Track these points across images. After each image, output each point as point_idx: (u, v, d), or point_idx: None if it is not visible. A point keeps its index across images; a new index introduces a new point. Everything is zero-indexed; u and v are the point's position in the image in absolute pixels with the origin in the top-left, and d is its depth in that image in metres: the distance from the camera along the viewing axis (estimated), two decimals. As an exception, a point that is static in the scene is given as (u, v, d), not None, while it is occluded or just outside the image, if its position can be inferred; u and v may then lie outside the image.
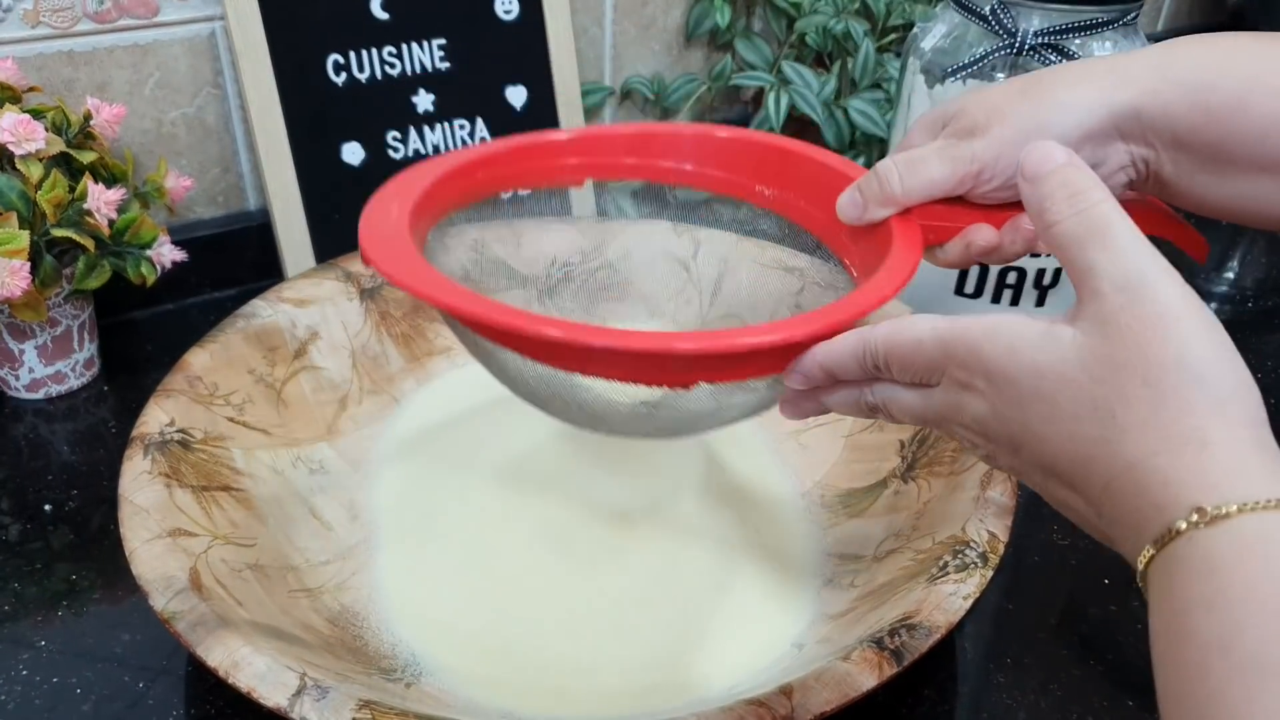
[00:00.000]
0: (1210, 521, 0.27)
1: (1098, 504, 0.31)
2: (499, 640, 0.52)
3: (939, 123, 0.44)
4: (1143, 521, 0.29)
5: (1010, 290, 0.69)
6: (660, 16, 0.92)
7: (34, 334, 0.66)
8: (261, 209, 0.80)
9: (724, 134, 0.54)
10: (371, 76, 0.76)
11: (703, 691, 0.50)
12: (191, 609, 0.44)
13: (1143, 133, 0.41)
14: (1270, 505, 0.27)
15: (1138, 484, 0.29)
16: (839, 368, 0.38)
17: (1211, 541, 0.27)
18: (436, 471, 0.60)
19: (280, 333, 0.62)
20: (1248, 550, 0.26)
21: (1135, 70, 0.41)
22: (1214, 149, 0.41)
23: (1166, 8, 1.29)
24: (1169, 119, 0.41)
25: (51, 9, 0.68)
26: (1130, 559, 0.30)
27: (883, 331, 0.36)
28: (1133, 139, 0.42)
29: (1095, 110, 0.41)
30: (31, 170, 0.60)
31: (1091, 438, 0.30)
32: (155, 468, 0.51)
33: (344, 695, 0.41)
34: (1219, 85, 0.40)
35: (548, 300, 0.64)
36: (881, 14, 0.88)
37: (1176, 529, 0.28)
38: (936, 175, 0.42)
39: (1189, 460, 0.28)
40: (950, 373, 0.34)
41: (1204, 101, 0.40)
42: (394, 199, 0.46)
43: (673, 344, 0.38)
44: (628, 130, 0.54)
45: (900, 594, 0.48)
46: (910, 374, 0.36)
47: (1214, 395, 0.29)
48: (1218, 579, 0.27)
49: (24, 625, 0.53)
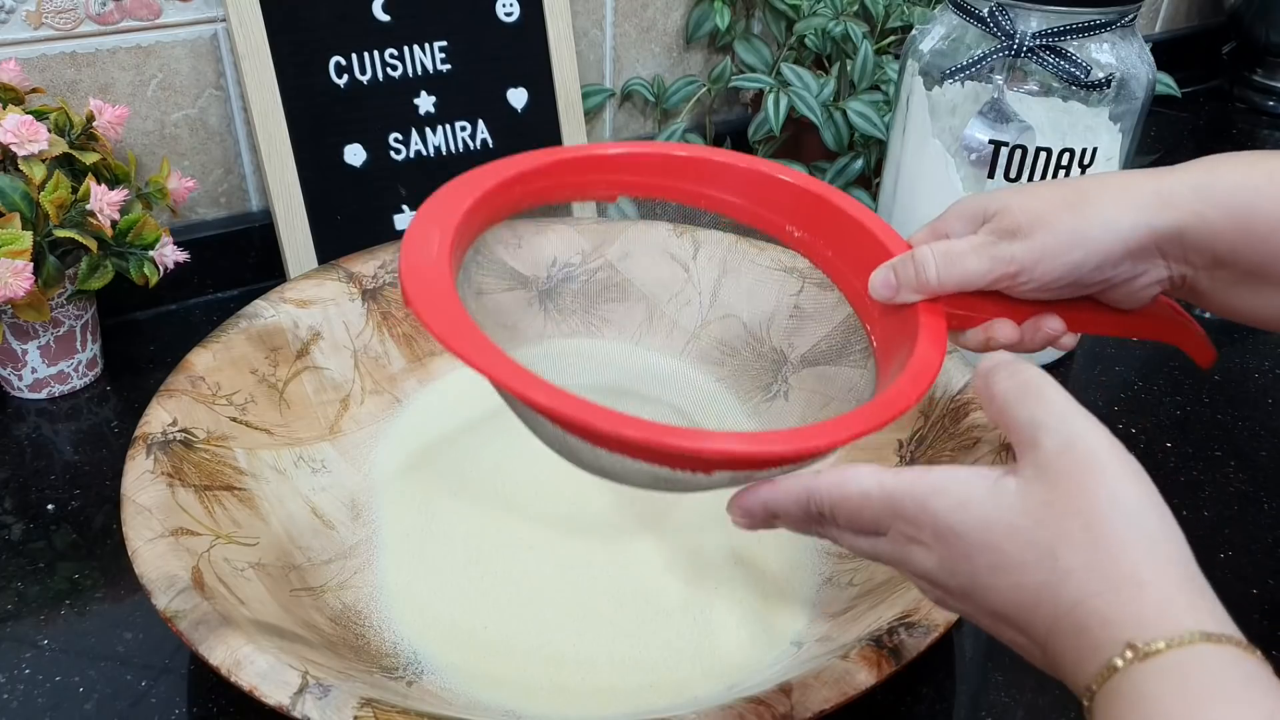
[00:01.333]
0: (1142, 658, 0.29)
1: (1044, 644, 0.32)
2: (500, 638, 0.52)
3: (979, 216, 0.45)
4: (1085, 659, 0.30)
5: None
6: (660, 19, 0.92)
7: (37, 334, 0.66)
8: (264, 210, 0.80)
9: (779, 173, 0.54)
10: (373, 78, 0.76)
11: (702, 690, 0.50)
12: (194, 608, 0.44)
13: (1184, 253, 0.43)
14: (1194, 638, 0.29)
15: (1079, 625, 0.31)
16: (783, 513, 0.38)
17: (1142, 676, 0.29)
18: (438, 471, 0.60)
19: (283, 333, 0.62)
20: (1171, 683, 0.28)
21: (1180, 191, 0.42)
22: (1253, 266, 0.42)
23: (1164, 9, 1.29)
24: (1211, 241, 0.42)
25: (54, 11, 0.68)
26: (1078, 694, 0.31)
27: (828, 482, 0.37)
28: (1173, 258, 0.43)
29: (1138, 230, 0.42)
30: (34, 171, 0.60)
31: (1036, 583, 0.32)
32: (158, 467, 0.51)
33: (346, 694, 0.41)
34: (1260, 207, 0.41)
35: (548, 301, 0.64)
36: (880, 16, 0.88)
37: (1114, 665, 0.29)
38: (973, 272, 0.43)
39: (1126, 599, 0.30)
40: (897, 527, 0.35)
41: (1245, 224, 0.41)
42: (434, 225, 0.44)
43: (704, 446, 0.37)
44: (674, 152, 0.54)
45: (899, 592, 0.49)
46: (856, 525, 0.37)
47: (1147, 536, 0.31)
48: (1146, 709, 0.28)
49: (27, 624, 0.53)
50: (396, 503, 0.59)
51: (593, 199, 0.53)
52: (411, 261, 0.41)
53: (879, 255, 0.47)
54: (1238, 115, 1.24)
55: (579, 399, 0.38)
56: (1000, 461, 0.54)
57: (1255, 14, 1.22)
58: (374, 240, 0.73)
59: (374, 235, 0.77)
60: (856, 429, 0.39)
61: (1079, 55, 0.63)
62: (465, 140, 0.80)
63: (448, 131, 0.80)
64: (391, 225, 0.79)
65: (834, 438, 0.39)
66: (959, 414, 0.58)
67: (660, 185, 0.54)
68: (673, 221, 0.74)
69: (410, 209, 0.79)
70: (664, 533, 0.57)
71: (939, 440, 0.58)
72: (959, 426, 0.57)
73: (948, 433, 0.58)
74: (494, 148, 0.81)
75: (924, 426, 0.60)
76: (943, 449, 0.57)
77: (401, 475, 0.61)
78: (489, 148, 0.81)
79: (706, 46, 0.96)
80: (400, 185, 0.79)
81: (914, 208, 0.71)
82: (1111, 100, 0.65)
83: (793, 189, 0.52)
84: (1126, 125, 0.67)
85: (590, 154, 0.51)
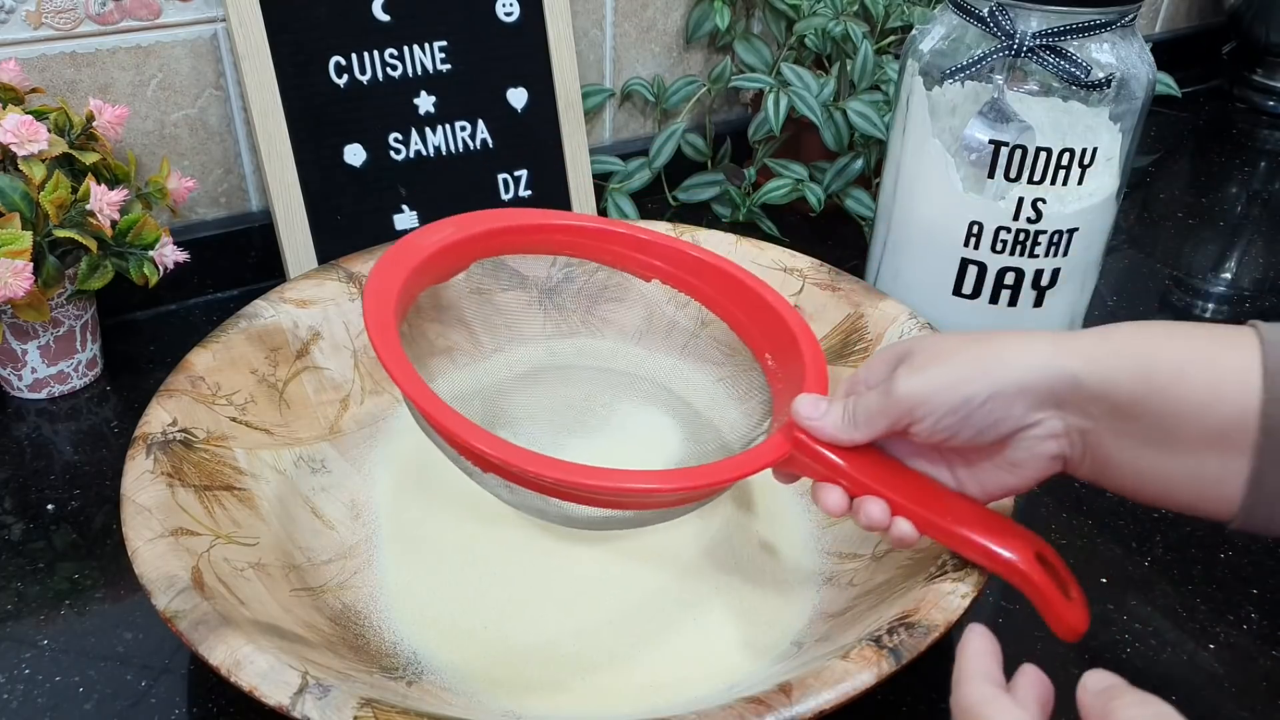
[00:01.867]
0: None
1: None
2: (500, 638, 0.52)
3: (896, 359, 0.47)
4: None
5: (1008, 290, 0.69)
6: (660, 19, 0.92)
7: (37, 334, 0.66)
8: (263, 210, 0.80)
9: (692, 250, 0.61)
10: (373, 78, 0.76)
11: (702, 690, 0.50)
12: (194, 608, 0.44)
13: (1081, 402, 0.43)
14: None
15: None
16: None
17: None
18: (438, 471, 0.60)
19: (282, 333, 0.62)
20: None
21: (1078, 343, 0.43)
22: (1156, 419, 0.41)
23: (1164, 9, 1.29)
24: (1108, 386, 0.42)
25: (54, 11, 0.68)
26: None
27: None
28: (1069, 408, 0.43)
29: (1033, 369, 0.43)
30: (34, 171, 0.60)
31: None
32: (158, 467, 0.51)
33: (345, 694, 0.41)
34: (1159, 355, 0.41)
35: (548, 301, 0.64)
36: (880, 16, 0.88)
37: None
38: (878, 422, 0.46)
39: None
40: None
41: (1145, 370, 0.41)
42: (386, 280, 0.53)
43: (624, 484, 0.46)
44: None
45: (899, 592, 0.49)
46: None
47: None
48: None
49: (27, 624, 0.53)
50: (396, 502, 0.59)
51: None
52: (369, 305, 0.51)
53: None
54: (1238, 115, 1.24)
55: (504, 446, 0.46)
56: None
57: (1255, 14, 1.22)
58: (374, 240, 0.73)
59: (374, 235, 0.77)
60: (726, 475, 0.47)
61: (1079, 55, 0.63)
62: (465, 140, 0.80)
63: (447, 131, 0.80)
64: (391, 225, 0.79)
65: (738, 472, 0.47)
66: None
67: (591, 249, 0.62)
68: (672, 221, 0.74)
69: (410, 209, 0.79)
70: (663, 533, 0.57)
71: (939, 440, 0.58)
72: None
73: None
74: (494, 148, 0.81)
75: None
76: (943, 449, 0.57)
77: (402, 475, 0.61)
78: (489, 148, 0.81)
79: (706, 46, 0.96)
80: (400, 185, 0.79)
81: (913, 208, 0.71)
82: (1112, 100, 0.65)
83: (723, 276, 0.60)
84: (1127, 125, 0.67)
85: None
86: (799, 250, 0.70)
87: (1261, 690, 0.53)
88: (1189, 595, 0.58)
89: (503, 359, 0.64)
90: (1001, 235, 0.67)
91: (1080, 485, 0.65)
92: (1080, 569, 0.59)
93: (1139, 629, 0.56)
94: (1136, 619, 0.56)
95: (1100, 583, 0.59)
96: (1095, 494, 0.65)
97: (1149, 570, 0.59)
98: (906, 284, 0.74)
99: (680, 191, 0.93)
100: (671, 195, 0.94)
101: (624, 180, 0.90)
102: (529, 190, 0.83)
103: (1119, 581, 0.59)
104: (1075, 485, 0.65)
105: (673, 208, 0.94)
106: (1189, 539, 0.62)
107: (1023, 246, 0.68)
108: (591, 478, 0.46)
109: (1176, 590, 0.58)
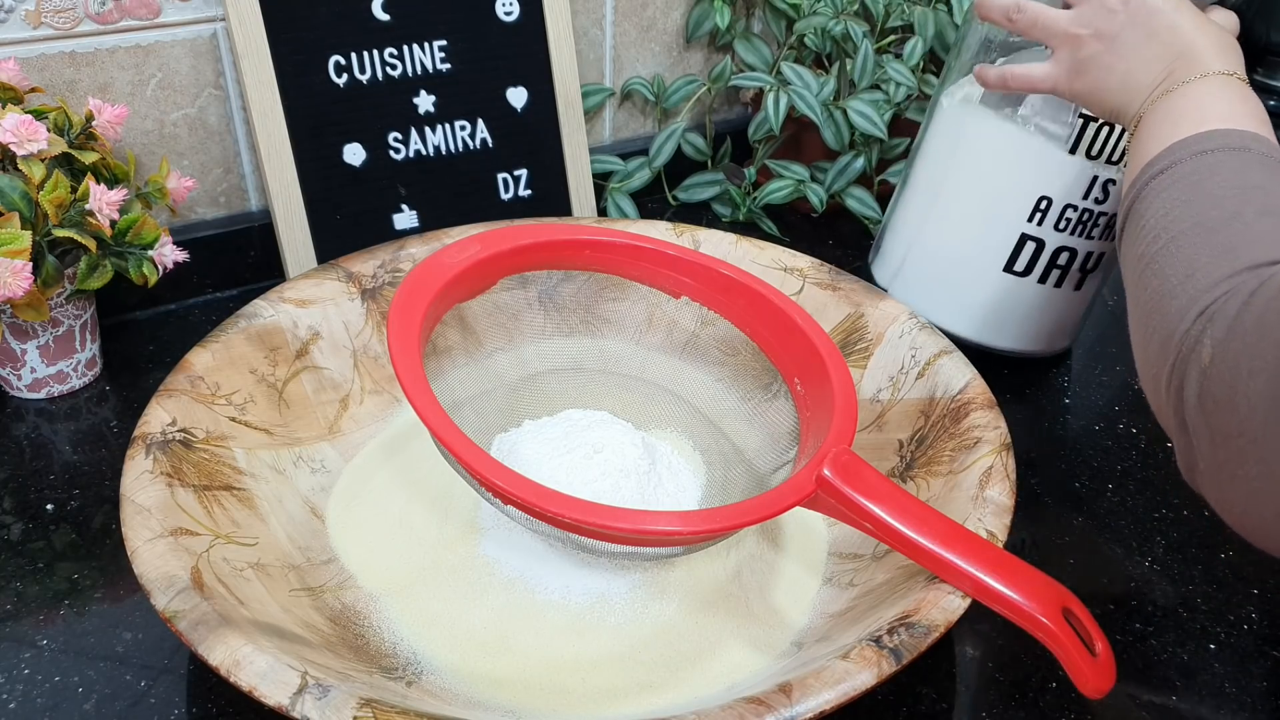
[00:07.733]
0: None
1: None
2: (499, 638, 0.52)
3: None
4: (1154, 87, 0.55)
5: (1058, 271, 0.69)
6: (660, 18, 0.92)
7: (36, 334, 0.66)
8: (263, 209, 0.80)
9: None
10: (373, 77, 0.76)
11: (703, 690, 0.50)
12: (193, 608, 0.44)
13: None
14: None
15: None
16: None
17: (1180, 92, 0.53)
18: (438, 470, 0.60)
19: (282, 333, 0.62)
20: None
21: None
22: None
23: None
24: None
25: (54, 10, 0.68)
26: (1129, 119, 0.55)
27: None
28: None
29: None
30: (34, 171, 0.60)
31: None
32: (157, 467, 0.51)
33: (345, 694, 0.41)
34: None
35: (548, 300, 0.64)
36: (880, 15, 0.88)
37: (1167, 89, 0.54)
38: None
39: None
40: None
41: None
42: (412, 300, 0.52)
43: (649, 526, 0.46)
44: None
45: (899, 593, 0.49)
46: None
47: None
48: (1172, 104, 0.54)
49: (26, 624, 0.53)
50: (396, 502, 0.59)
51: None
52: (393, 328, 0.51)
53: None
54: (1238, 115, 1.24)
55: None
56: (1001, 460, 0.54)
57: (1255, 14, 1.21)
58: (373, 240, 0.73)
59: (373, 235, 0.77)
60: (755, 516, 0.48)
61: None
62: (465, 140, 0.80)
63: (447, 131, 0.80)
64: (391, 225, 0.79)
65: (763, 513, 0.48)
66: (959, 414, 0.58)
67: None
68: (672, 221, 0.74)
69: (410, 208, 0.79)
70: (664, 533, 0.57)
71: (939, 440, 0.58)
72: (959, 426, 0.57)
73: (948, 432, 0.58)
74: (493, 147, 0.81)
75: (924, 426, 0.60)
76: (943, 449, 0.57)
77: (401, 475, 0.61)
78: (488, 147, 0.81)
79: (706, 46, 0.96)
80: (400, 185, 0.79)
81: (976, 179, 0.70)
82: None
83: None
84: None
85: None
86: (799, 250, 0.70)
87: (1261, 690, 0.53)
88: (1189, 595, 0.58)
89: (504, 358, 0.64)
90: (1068, 213, 0.67)
91: (1080, 485, 0.65)
92: (1081, 568, 0.59)
93: (1139, 629, 0.56)
94: (1137, 619, 0.56)
95: (1101, 583, 0.58)
96: (1095, 494, 0.65)
97: (1149, 570, 0.59)
98: (949, 260, 0.73)
99: (680, 191, 0.93)
100: (671, 195, 0.94)
101: (624, 180, 0.90)
102: (529, 190, 0.83)
103: (1119, 581, 0.59)
104: (1075, 485, 0.65)
105: (673, 207, 0.94)
106: (1189, 539, 0.62)
107: (1084, 227, 0.68)
108: (615, 520, 0.45)
109: (1176, 590, 0.58)
